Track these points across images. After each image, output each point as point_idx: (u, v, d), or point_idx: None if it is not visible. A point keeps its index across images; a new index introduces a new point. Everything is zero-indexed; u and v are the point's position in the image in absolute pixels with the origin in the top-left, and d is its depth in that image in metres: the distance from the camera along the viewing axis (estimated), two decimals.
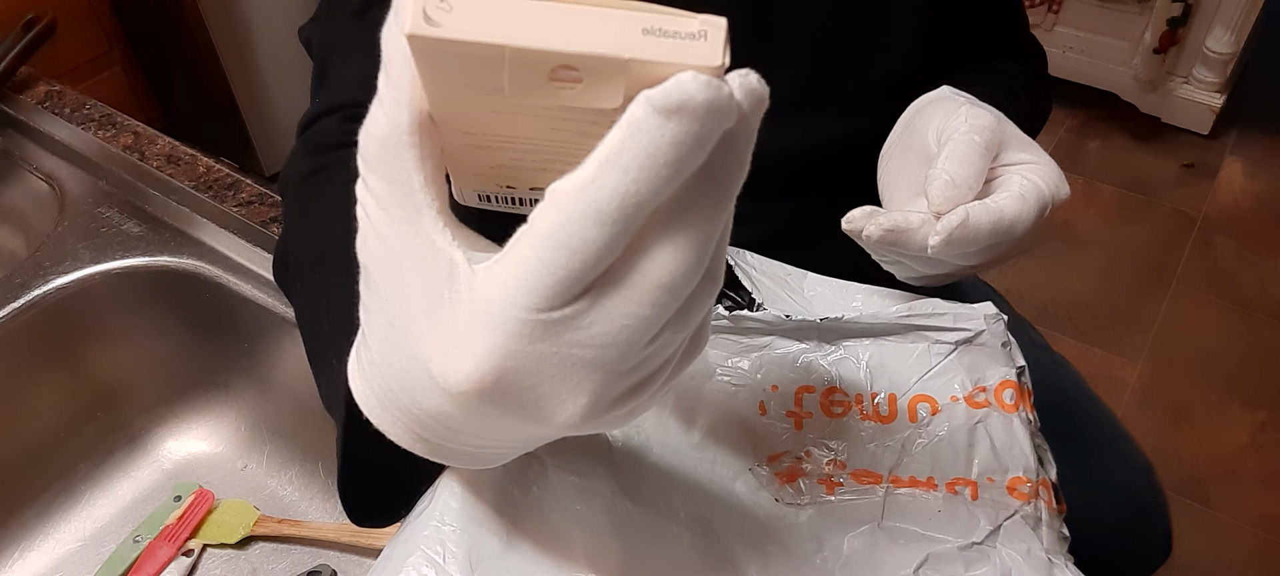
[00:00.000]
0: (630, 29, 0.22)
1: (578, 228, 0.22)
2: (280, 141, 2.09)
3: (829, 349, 0.45)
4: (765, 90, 0.23)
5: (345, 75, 0.51)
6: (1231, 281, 1.93)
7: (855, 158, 0.62)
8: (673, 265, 0.23)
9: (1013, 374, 0.45)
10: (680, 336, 0.25)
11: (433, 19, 0.22)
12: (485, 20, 0.22)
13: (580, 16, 0.22)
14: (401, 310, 0.25)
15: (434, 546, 0.36)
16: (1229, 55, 2.11)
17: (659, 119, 0.21)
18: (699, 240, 0.23)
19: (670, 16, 0.22)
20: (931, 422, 0.43)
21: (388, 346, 0.27)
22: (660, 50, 0.22)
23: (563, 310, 0.23)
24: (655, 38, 0.22)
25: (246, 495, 0.75)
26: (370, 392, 0.29)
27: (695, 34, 0.22)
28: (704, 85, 0.21)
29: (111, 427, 0.77)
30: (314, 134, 0.50)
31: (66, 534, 0.73)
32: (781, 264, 0.50)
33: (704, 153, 0.22)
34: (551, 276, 0.22)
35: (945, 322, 0.45)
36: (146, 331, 0.77)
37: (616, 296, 0.23)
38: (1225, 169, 2.20)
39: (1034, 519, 0.42)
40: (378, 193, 0.25)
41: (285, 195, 0.50)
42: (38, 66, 0.92)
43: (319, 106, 0.51)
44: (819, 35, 0.58)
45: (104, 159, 0.83)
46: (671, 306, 0.24)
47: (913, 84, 0.61)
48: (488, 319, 0.23)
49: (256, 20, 1.91)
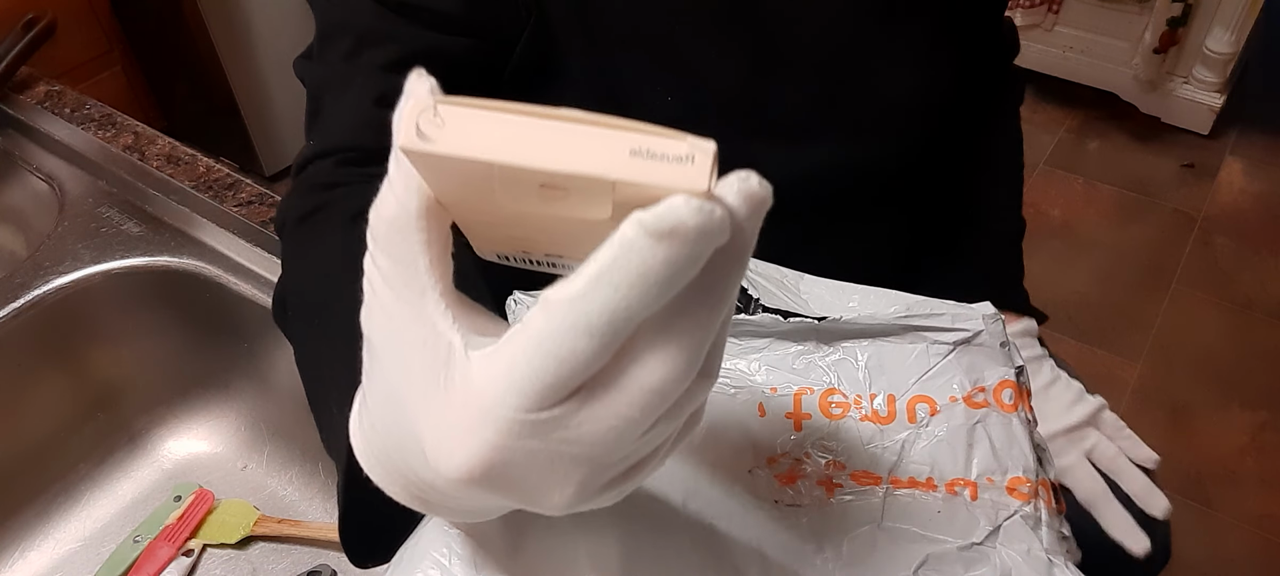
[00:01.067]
0: (618, 149, 0.22)
1: (567, 338, 0.22)
2: (280, 141, 2.09)
3: (827, 350, 0.45)
4: (766, 192, 0.23)
5: (337, 118, 0.51)
6: (1231, 281, 1.93)
7: (859, 181, 0.62)
8: (663, 372, 0.23)
9: (1011, 373, 0.45)
10: (671, 427, 0.26)
11: (425, 133, 0.23)
12: (475, 136, 0.23)
13: (569, 133, 0.22)
14: (401, 386, 0.26)
15: (440, 548, 0.36)
16: (1229, 55, 2.11)
17: (650, 241, 0.21)
18: (691, 347, 0.23)
19: (658, 138, 0.22)
20: (930, 423, 0.43)
21: (387, 416, 0.27)
22: (647, 173, 0.22)
23: (551, 411, 0.23)
24: (643, 159, 0.22)
25: (246, 495, 0.75)
26: (369, 452, 0.29)
27: (682, 157, 0.22)
28: (696, 210, 0.21)
29: (111, 427, 0.78)
30: (309, 175, 0.51)
31: (66, 534, 0.73)
32: (776, 266, 0.50)
33: (696, 270, 0.22)
34: (540, 381, 0.23)
35: (944, 323, 0.45)
36: (146, 331, 0.77)
37: (606, 398, 0.23)
38: (1225, 169, 2.20)
39: (1034, 519, 0.42)
40: (385, 270, 0.26)
41: (283, 236, 0.51)
42: (38, 66, 0.93)
43: (313, 148, 0.52)
44: (822, 61, 0.58)
45: (104, 159, 0.83)
46: (661, 408, 0.24)
47: (918, 108, 0.62)
48: (479, 413, 0.24)
49: (256, 20, 1.91)
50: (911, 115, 0.61)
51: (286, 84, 1.99)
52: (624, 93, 0.55)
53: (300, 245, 0.49)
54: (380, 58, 0.50)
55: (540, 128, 0.23)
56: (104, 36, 1.79)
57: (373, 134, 0.50)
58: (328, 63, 0.52)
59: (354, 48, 0.51)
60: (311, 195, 0.49)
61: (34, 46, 0.90)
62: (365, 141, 0.50)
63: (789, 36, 0.57)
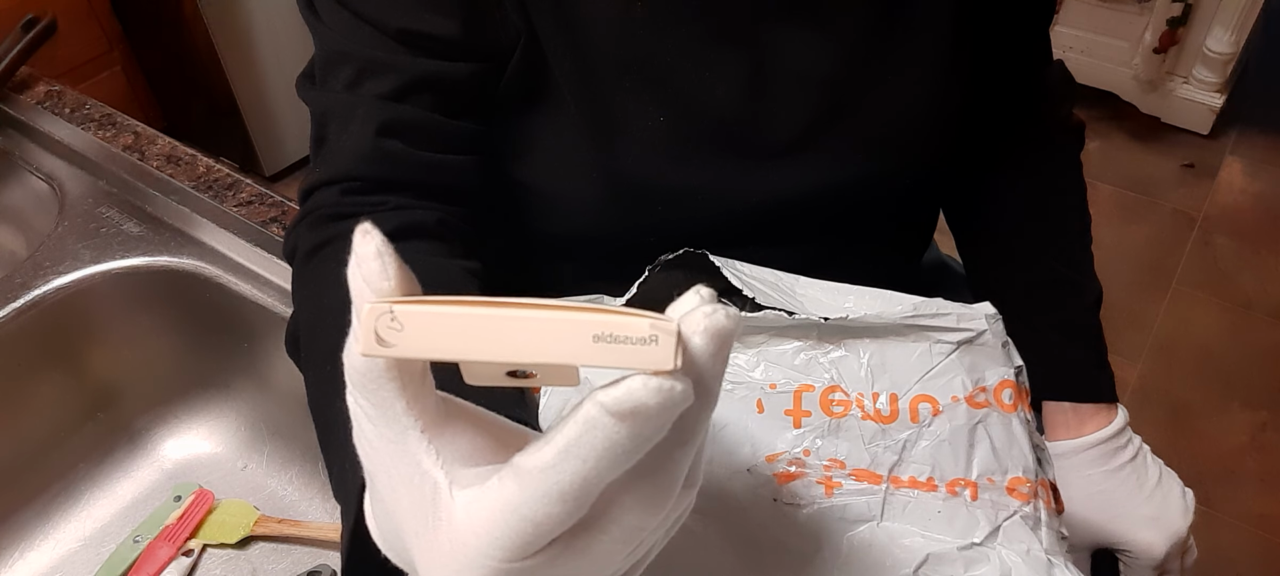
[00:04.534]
0: (581, 336, 0.22)
1: (541, 505, 0.23)
2: (280, 141, 2.09)
3: (829, 347, 0.45)
4: (733, 323, 0.23)
5: (341, 146, 0.52)
6: (1231, 281, 1.93)
7: (863, 198, 0.61)
8: (640, 511, 0.24)
9: (1011, 373, 0.45)
10: (660, 534, 0.27)
11: (385, 339, 0.23)
12: (436, 336, 0.23)
13: (530, 324, 0.23)
14: (395, 513, 0.27)
15: None
16: (1229, 55, 2.11)
17: (612, 421, 0.22)
18: (666, 483, 0.24)
19: (621, 321, 0.22)
20: (933, 423, 0.43)
21: (388, 527, 0.29)
22: (611, 357, 0.22)
23: (534, 559, 0.24)
24: (606, 344, 0.22)
25: (246, 495, 0.75)
26: (378, 532, 0.30)
27: (646, 339, 0.22)
28: (655, 391, 0.21)
29: (111, 427, 0.77)
30: (315, 204, 0.52)
31: (66, 534, 0.73)
32: (771, 270, 0.50)
33: (662, 435, 0.23)
34: (519, 540, 0.23)
35: (948, 323, 0.45)
36: (146, 331, 0.77)
37: (586, 539, 0.24)
38: (1225, 169, 2.20)
39: (1033, 519, 0.42)
40: (366, 410, 0.26)
41: (293, 267, 0.52)
42: (38, 66, 0.92)
43: (318, 176, 0.52)
44: (823, 78, 0.56)
45: (104, 159, 0.83)
46: (641, 537, 0.25)
47: (929, 125, 0.60)
48: (464, 560, 0.24)
49: (256, 20, 1.91)
50: (919, 131, 0.59)
51: (286, 84, 1.99)
52: (615, 115, 0.54)
53: (309, 282, 0.49)
54: (381, 87, 0.51)
55: (500, 321, 0.23)
56: (104, 36, 1.79)
57: (375, 166, 0.51)
58: (330, 92, 0.52)
59: (355, 78, 0.51)
60: (319, 228, 0.50)
61: (34, 46, 0.90)
62: (369, 172, 0.51)
63: (786, 55, 0.56)
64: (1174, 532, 0.63)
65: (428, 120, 0.52)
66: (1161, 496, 0.64)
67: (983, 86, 0.63)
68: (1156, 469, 0.65)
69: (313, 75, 0.55)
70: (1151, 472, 0.65)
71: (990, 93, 0.65)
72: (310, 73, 0.55)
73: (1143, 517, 0.63)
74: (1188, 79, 2.21)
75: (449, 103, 0.53)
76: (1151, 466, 0.65)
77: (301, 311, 0.49)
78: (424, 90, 0.52)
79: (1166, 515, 0.63)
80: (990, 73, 0.64)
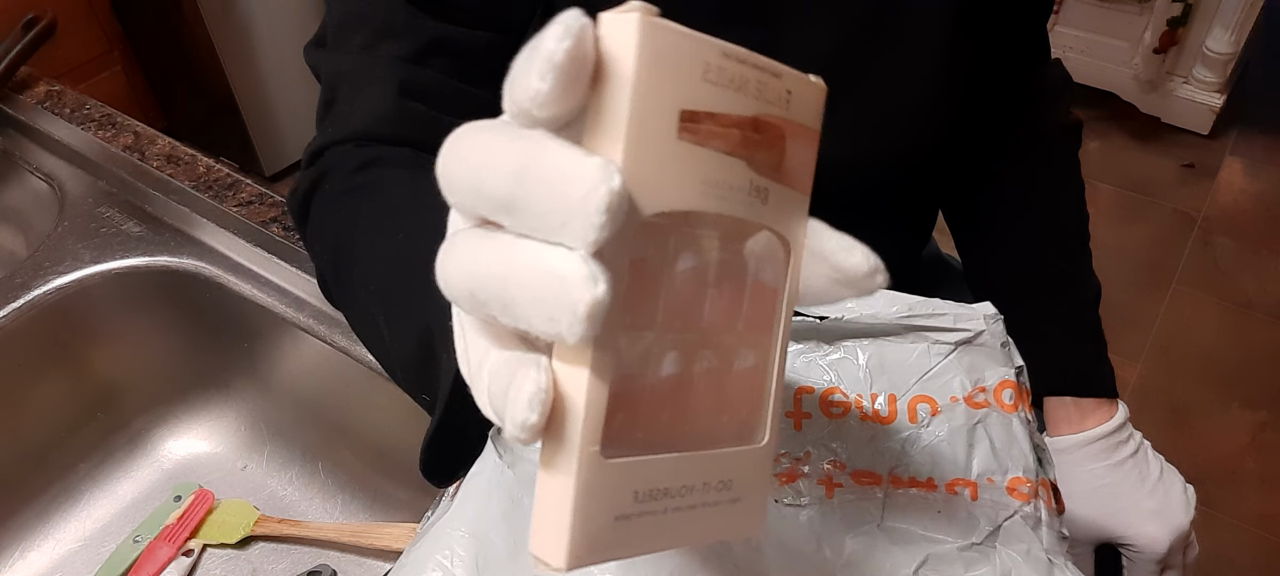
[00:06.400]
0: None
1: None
2: (280, 141, 2.09)
3: (827, 349, 0.45)
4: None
5: (355, 109, 0.51)
6: (1231, 281, 1.93)
7: (856, 185, 0.61)
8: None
9: (1011, 373, 0.45)
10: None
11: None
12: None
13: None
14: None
15: (444, 550, 0.37)
16: (1229, 55, 2.11)
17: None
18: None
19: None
20: (931, 423, 0.43)
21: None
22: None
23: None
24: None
25: (246, 495, 0.75)
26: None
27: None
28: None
29: (111, 427, 0.78)
30: (331, 159, 0.50)
31: (66, 534, 0.73)
32: None
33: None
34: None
35: (945, 323, 0.45)
36: (146, 331, 0.77)
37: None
38: (1225, 169, 2.20)
39: (1034, 519, 0.42)
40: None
41: (308, 212, 0.50)
42: (38, 66, 0.93)
43: (329, 136, 0.51)
44: (826, 58, 0.57)
45: (104, 159, 0.83)
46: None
47: (926, 111, 0.60)
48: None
49: (256, 20, 1.91)
50: (916, 115, 0.60)
51: (286, 84, 1.99)
52: None
53: (344, 204, 0.48)
54: (400, 49, 0.50)
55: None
56: (104, 36, 1.79)
57: (392, 126, 0.49)
58: (344, 54, 0.51)
59: (372, 40, 0.51)
60: (347, 176, 0.48)
61: (34, 46, 0.90)
62: (388, 132, 0.50)
63: (785, 35, 0.56)
64: (1177, 526, 0.63)
65: (447, 85, 0.51)
66: (1164, 490, 0.64)
67: (981, 81, 0.63)
68: (1158, 463, 0.65)
69: (322, 40, 0.54)
70: (1153, 467, 0.65)
71: (988, 89, 0.66)
72: (320, 39, 0.54)
73: (1145, 511, 0.63)
74: (1188, 79, 2.21)
75: (467, 70, 0.52)
76: (1153, 461, 0.65)
77: (339, 231, 0.47)
78: (443, 54, 0.51)
79: (1169, 509, 0.63)
80: (988, 67, 0.64)
